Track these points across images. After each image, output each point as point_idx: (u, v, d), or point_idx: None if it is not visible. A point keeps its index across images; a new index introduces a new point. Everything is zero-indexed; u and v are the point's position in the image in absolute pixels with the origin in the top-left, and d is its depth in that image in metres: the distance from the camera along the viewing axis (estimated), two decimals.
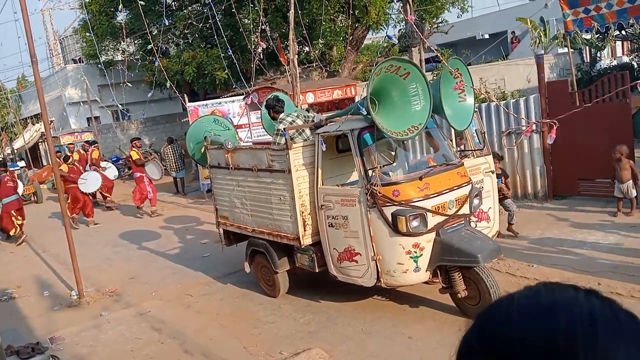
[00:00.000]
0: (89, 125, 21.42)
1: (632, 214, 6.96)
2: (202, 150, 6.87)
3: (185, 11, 17.54)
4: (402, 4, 14.02)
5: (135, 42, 18.97)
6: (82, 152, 15.07)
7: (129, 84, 12.29)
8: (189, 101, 13.68)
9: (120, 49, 19.77)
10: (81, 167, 13.08)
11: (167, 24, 12.42)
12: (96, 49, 17.03)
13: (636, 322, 0.62)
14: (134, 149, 12.28)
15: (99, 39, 17.64)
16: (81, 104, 22.13)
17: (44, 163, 21.83)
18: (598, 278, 5.27)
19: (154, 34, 14.94)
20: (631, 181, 6.96)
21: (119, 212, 13.02)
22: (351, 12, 14.11)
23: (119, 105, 12.37)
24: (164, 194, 14.25)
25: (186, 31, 17.10)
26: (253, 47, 11.20)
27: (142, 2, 11.68)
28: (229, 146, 6.22)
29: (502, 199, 6.70)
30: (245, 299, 6.23)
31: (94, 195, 13.47)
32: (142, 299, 6.65)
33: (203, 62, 15.83)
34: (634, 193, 7.00)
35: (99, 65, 17.66)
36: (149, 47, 12.26)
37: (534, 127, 7.82)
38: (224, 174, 6.50)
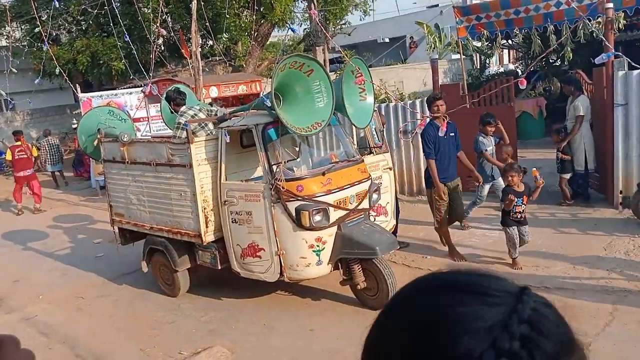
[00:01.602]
0: None
1: None
2: (95, 143, 6.48)
3: None
4: (307, 3, 14.20)
5: (23, 27, 17.44)
6: None
7: (14, 71, 11.27)
8: (82, 92, 12.86)
9: (4, 33, 18.06)
10: None
11: (57, 6, 11.54)
12: None
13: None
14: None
15: None
16: None
17: None
18: (484, 268, 5.68)
19: (43, 19, 13.85)
20: None
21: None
22: (256, 7, 14.03)
23: (3, 94, 11.31)
24: (50, 190, 13.27)
25: (80, 17, 16.03)
26: (153, 37, 10.75)
27: None
28: (125, 139, 5.92)
29: (518, 220, 5.54)
30: (142, 299, 5.97)
31: None
32: (28, 303, 6.14)
33: (98, 51, 14.93)
34: None
35: None
36: (36, 30, 11.31)
37: (427, 122, 8.25)
38: (119, 169, 6.18)
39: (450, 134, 5.99)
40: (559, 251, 5.92)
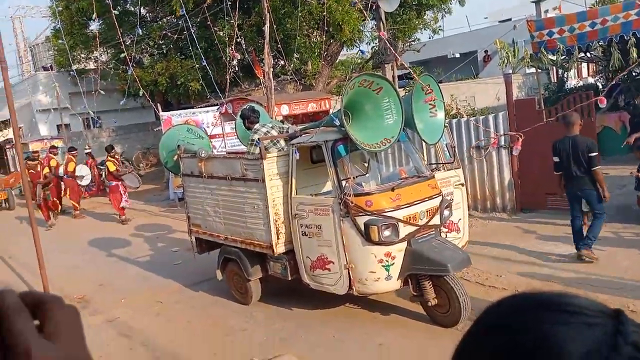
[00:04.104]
0: (59, 132, 21.03)
1: None
2: (175, 158, 6.86)
3: (160, 22, 17.51)
4: (375, 22, 14.32)
5: (108, 51, 18.80)
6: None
7: (101, 92, 12.18)
8: (163, 110, 13.64)
9: (93, 57, 19.57)
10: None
11: (140, 34, 12.37)
12: (68, 57, 16.84)
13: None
14: (110, 159, 12.13)
15: (72, 47, 17.44)
16: (52, 110, 21.73)
17: (12, 169, 21.27)
18: (563, 289, 5.43)
19: (127, 43, 14.88)
20: None
21: (87, 219, 12.85)
22: (325, 28, 14.33)
23: (91, 112, 12.22)
24: (134, 201, 14.10)
25: (160, 42, 17.06)
26: (228, 59, 11.26)
27: (116, 12, 11.61)
28: (203, 155, 6.23)
29: None
30: (217, 306, 6.20)
31: (59, 202, 13.30)
32: (111, 306, 6.55)
33: (177, 73, 15.80)
34: None
35: (71, 73, 17.44)
36: (122, 56, 12.17)
37: (501, 140, 8.06)
38: (196, 183, 6.49)
39: None
40: None
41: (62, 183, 13.41)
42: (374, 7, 13.62)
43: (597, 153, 5.97)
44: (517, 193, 8.40)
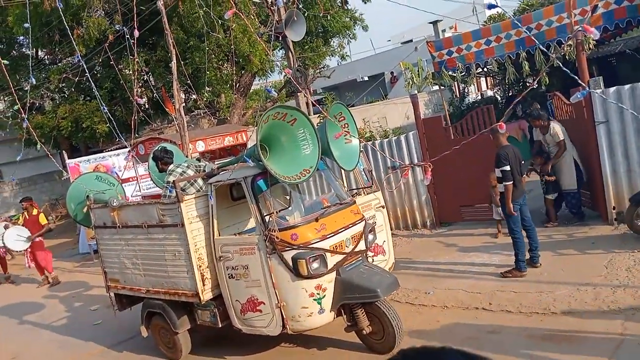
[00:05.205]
0: None
1: None
2: (85, 210, 6.44)
3: (59, 65, 16.67)
4: (284, 52, 14.49)
5: (5, 99, 17.61)
6: None
7: None
8: (70, 157, 12.88)
9: None
10: None
11: (34, 82, 11.65)
12: None
13: None
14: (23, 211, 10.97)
15: None
16: None
17: None
18: (488, 298, 5.62)
19: (25, 89, 13.99)
20: None
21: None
22: (235, 60, 14.28)
23: None
24: None
25: (62, 85, 16.22)
26: (134, 99, 10.87)
27: (6, 62, 10.88)
28: (114, 204, 5.89)
29: None
30: None
31: None
32: None
33: (81, 116, 15.04)
34: None
35: None
36: (15, 107, 11.39)
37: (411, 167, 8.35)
38: (111, 234, 6.12)
39: None
40: (561, 274, 5.87)
41: None
42: (280, 37, 13.80)
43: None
44: (435, 208, 8.69)
